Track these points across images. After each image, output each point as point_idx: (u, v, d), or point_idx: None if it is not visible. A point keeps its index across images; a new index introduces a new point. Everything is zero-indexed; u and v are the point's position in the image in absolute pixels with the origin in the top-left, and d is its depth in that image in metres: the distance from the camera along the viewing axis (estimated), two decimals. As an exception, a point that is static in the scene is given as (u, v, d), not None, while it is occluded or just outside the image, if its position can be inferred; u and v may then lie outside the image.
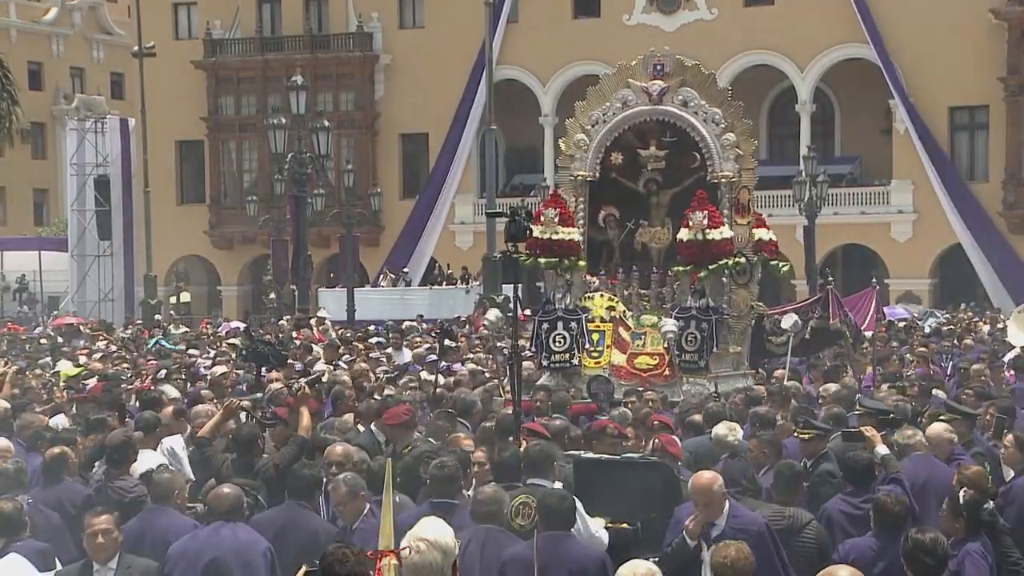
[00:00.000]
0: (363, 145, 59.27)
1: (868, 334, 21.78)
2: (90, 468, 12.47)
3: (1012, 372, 19.63)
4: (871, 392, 16.97)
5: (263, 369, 18.20)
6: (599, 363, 18.00)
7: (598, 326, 18.25)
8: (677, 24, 54.93)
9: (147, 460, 12.15)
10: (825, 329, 20.22)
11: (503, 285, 40.72)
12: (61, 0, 75.52)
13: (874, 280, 24.57)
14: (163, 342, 28.93)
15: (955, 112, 53.66)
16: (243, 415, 13.27)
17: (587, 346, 18.01)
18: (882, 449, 11.21)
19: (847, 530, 10.12)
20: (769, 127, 57.96)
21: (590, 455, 10.89)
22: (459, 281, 49.38)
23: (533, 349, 18.52)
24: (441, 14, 57.14)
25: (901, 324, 34.66)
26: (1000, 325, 31.84)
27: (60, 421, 15.45)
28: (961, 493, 9.51)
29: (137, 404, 16.48)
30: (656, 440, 11.35)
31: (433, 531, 6.70)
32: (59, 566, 9.42)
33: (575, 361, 17.89)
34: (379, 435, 13.32)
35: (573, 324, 17.89)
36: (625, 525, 9.80)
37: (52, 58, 75.12)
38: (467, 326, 33.38)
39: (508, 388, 16.50)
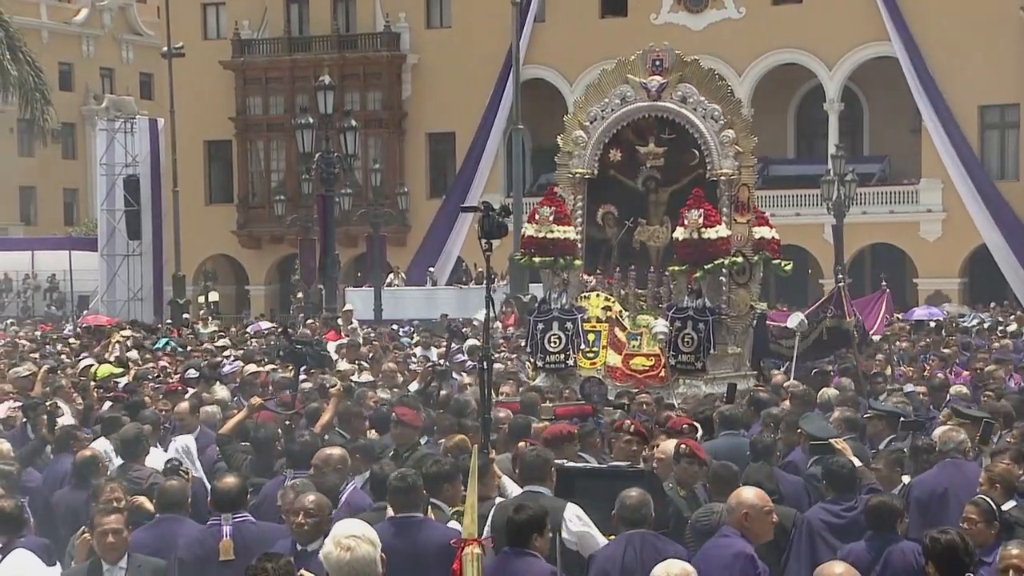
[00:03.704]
0: (390, 144, 59.18)
1: (876, 337, 21.51)
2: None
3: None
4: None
5: (302, 370, 18.05)
6: (594, 364, 17.84)
7: (594, 326, 18.08)
8: (704, 23, 54.64)
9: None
10: (839, 328, 19.96)
11: (530, 284, 40.57)
12: (91, 1, 75.85)
13: (884, 283, 24.30)
14: (172, 343, 28.83)
15: (985, 110, 53.10)
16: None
17: (583, 347, 17.83)
18: (854, 461, 10.91)
19: (829, 541, 9.85)
20: (797, 126, 57.69)
21: (572, 464, 10.55)
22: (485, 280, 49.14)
23: (529, 349, 18.34)
24: (468, 14, 57.02)
25: (932, 324, 34.33)
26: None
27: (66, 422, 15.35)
28: (991, 497, 9.33)
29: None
30: (683, 446, 10.80)
31: (356, 527, 6.76)
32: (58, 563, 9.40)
33: (570, 362, 17.72)
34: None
35: (569, 324, 17.74)
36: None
37: (82, 59, 75.39)
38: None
39: (499, 389, 16.35)
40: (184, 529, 9.67)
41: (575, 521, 9.34)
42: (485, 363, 11.41)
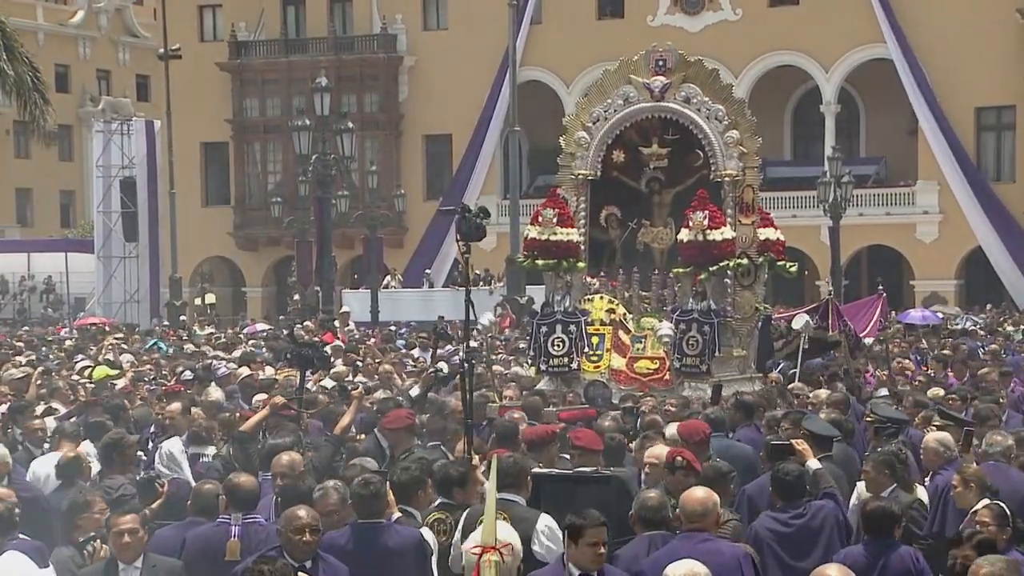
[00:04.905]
0: (387, 147, 59.16)
1: (868, 340, 21.47)
2: None
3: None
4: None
5: (307, 372, 17.95)
6: (598, 367, 17.74)
7: (598, 329, 17.99)
8: (701, 25, 54.66)
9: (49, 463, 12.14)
10: (822, 340, 19.99)
11: (527, 287, 40.61)
12: (88, 3, 75.69)
13: (881, 287, 24.29)
14: (160, 344, 28.75)
15: (981, 112, 53.18)
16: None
17: (586, 350, 17.75)
18: (813, 463, 10.74)
19: (776, 551, 9.71)
20: (794, 128, 57.76)
21: (538, 469, 10.37)
22: (482, 283, 49.18)
23: (532, 353, 18.25)
24: (465, 15, 56.96)
25: (930, 326, 34.35)
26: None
27: (50, 424, 15.30)
28: (1005, 504, 9.24)
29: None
30: (679, 458, 10.46)
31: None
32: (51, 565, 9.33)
33: (574, 365, 17.63)
34: (383, 440, 13.12)
35: (572, 327, 17.66)
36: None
37: (79, 60, 75.18)
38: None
39: (503, 394, 16.30)
40: (207, 531, 9.61)
41: (547, 533, 9.10)
42: (466, 366, 11.42)
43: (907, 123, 54.31)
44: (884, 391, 17.66)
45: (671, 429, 12.17)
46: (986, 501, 9.53)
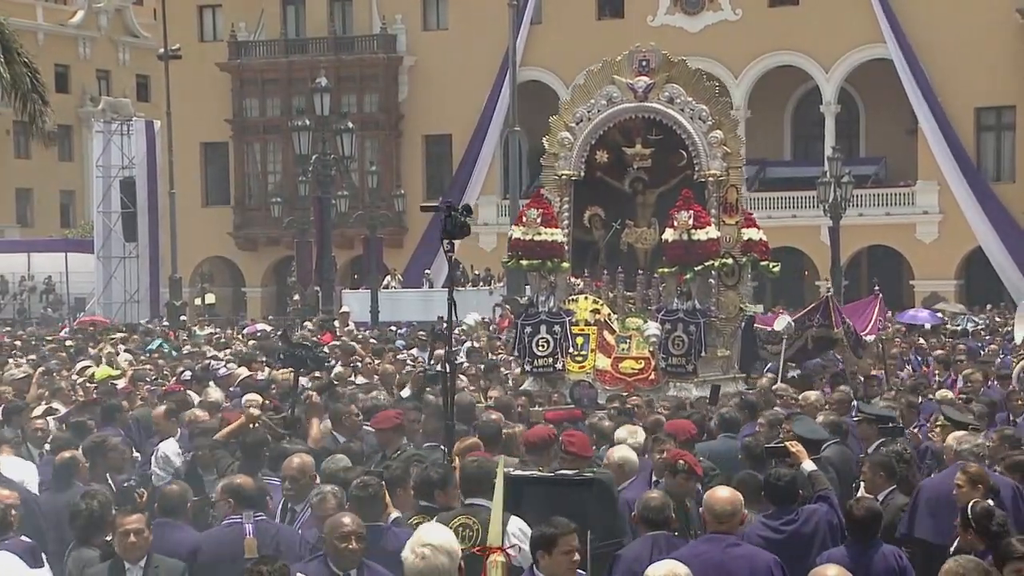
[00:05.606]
0: (387, 147, 59.17)
1: (870, 338, 21.42)
2: None
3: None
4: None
5: (301, 373, 17.92)
6: (583, 367, 17.74)
7: (582, 330, 18.00)
8: (701, 25, 54.63)
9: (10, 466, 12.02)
10: (827, 338, 19.92)
11: (527, 287, 40.57)
12: (88, 3, 75.71)
13: (876, 288, 24.24)
14: (165, 345, 28.73)
15: (981, 112, 53.13)
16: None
17: (571, 350, 17.73)
18: (808, 465, 10.58)
19: None
20: (794, 128, 57.76)
21: (518, 471, 10.24)
22: (482, 283, 49.21)
23: (516, 353, 18.24)
24: (465, 16, 57.01)
25: (929, 327, 34.28)
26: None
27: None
28: (970, 505, 9.13)
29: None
30: (682, 461, 10.34)
31: (437, 536, 6.71)
32: (46, 563, 9.41)
33: (559, 365, 17.62)
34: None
35: (557, 328, 17.66)
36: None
37: (78, 60, 75.18)
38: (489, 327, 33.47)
39: (489, 394, 16.28)
40: (180, 535, 9.65)
41: (520, 537, 8.94)
42: (448, 367, 11.38)
43: (907, 123, 54.22)
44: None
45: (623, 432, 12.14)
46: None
